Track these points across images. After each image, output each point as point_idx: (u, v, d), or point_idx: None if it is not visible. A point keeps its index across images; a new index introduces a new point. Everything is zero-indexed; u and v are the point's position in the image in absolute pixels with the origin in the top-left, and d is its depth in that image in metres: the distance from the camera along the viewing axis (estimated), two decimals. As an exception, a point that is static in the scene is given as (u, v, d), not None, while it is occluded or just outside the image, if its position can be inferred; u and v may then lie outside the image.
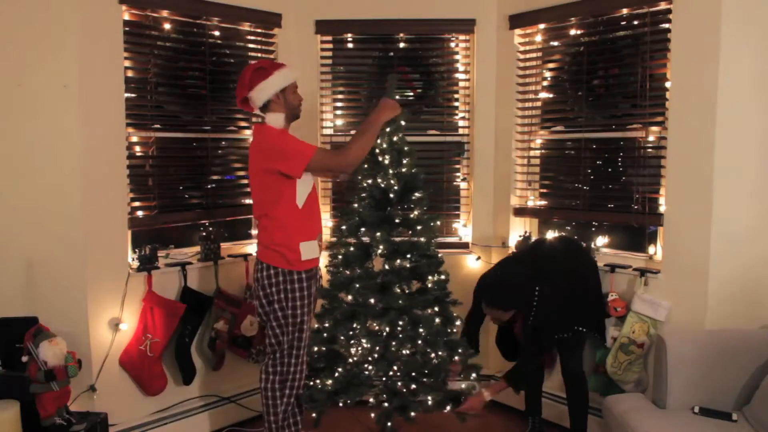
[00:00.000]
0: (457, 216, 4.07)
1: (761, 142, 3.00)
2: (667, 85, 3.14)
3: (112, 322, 3.17)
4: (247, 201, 3.81)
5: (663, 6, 3.13)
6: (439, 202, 3.98)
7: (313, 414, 3.05)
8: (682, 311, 3.08)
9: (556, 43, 3.71)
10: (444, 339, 3.06)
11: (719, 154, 2.93)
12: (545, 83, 3.77)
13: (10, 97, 2.98)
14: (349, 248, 3.12)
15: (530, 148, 3.84)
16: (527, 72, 3.82)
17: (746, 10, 2.92)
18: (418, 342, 3.02)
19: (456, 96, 4.05)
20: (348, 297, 3.08)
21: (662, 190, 3.21)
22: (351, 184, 3.13)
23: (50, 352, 2.70)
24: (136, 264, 3.27)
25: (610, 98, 3.51)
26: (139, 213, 3.34)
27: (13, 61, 2.97)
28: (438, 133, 4.04)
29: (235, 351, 3.58)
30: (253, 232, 3.92)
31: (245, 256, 3.66)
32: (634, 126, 3.34)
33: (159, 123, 3.42)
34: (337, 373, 3.07)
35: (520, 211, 3.86)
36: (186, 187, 3.61)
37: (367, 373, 3.06)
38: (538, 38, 3.74)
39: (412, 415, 2.99)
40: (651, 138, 3.27)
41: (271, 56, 3.84)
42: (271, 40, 3.84)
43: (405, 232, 3.06)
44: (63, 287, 3.04)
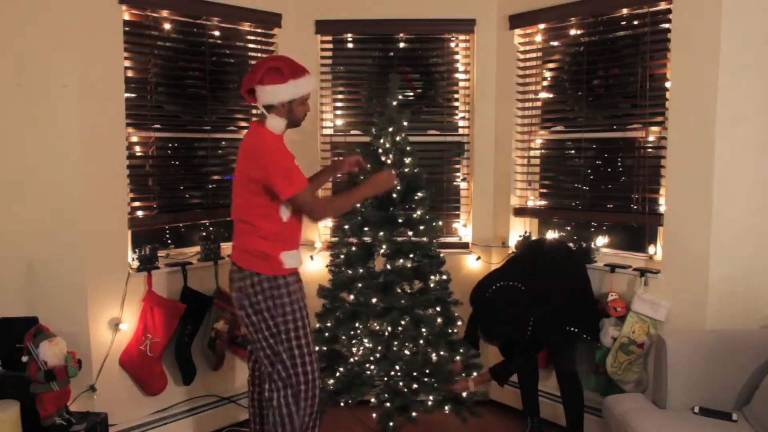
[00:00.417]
0: (457, 216, 4.07)
1: (761, 142, 3.00)
2: (667, 85, 3.14)
3: (112, 322, 3.16)
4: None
5: (663, 6, 3.14)
6: (440, 202, 3.98)
7: (318, 415, 3.04)
8: (682, 311, 3.08)
9: (556, 43, 3.71)
10: (445, 339, 3.07)
11: (719, 154, 2.93)
12: (545, 83, 3.77)
13: (10, 97, 2.97)
14: (350, 248, 3.13)
15: (530, 148, 3.84)
16: (527, 72, 3.83)
17: (746, 9, 2.92)
18: (420, 342, 3.02)
19: (456, 96, 4.05)
20: (350, 297, 3.08)
21: (662, 190, 3.21)
22: (351, 184, 3.12)
23: (50, 352, 2.70)
24: (136, 264, 3.27)
25: (610, 98, 3.52)
26: (139, 213, 3.34)
27: (13, 61, 2.96)
28: (438, 133, 4.04)
29: (235, 351, 3.58)
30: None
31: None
32: (634, 126, 3.34)
33: (159, 123, 3.41)
34: (338, 373, 3.08)
35: (520, 211, 3.87)
36: (186, 187, 3.61)
37: (368, 373, 3.07)
38: (538, 38, 3.74)
39: (414, 415, 2.99)
40: (651, 138, 3.27)
41: (271, 56, 3.84)
42: (271, 40, 3.84)
43: (405, 232, 3.06)
44: (63, 287, 3.04)
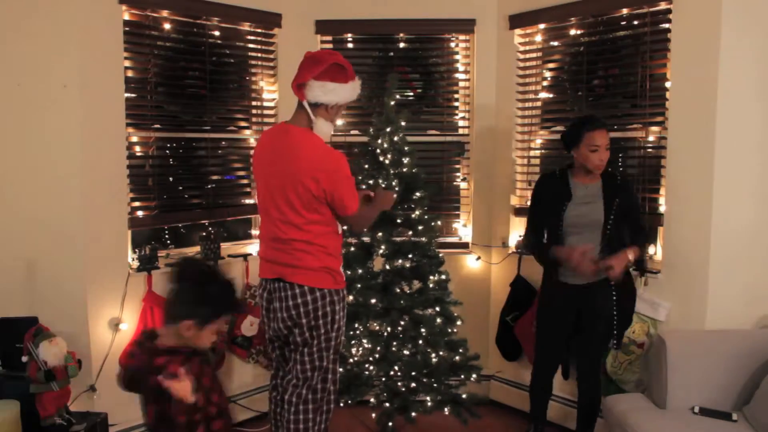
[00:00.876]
0: (457, 216, 4.07)
1: (761, 142, 3.00)
2: (667, 85, 3.14)
3: (112, 322, 3.17)
4: (247, 201, 3.80)
5: (663, 6, 3.13)
6: (439, 202, 3.98)
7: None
8: (682, 311, 3.07)
9: (556, 43, 3.71)
10: (444, 339, 3.07)
11: (719, 154, 2.93)
12: (545, 83, 3.77)
13: (10, 97, 2.98)
14: (349, 248, 3.13)
15: (530, 148, 3.84)
16: (527, 72, 3.82)
17: (746, 10, 2.92)
18: (419, 342, 3.02)
19: (456, 96, 4.05)
20: (349, 297, 3.08)
21: (662, 190, 3.21)
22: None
23: (50, 352, 2.70)
24: (136, 264, 3.27)
25: (610, 98, 3.52)
26: (139, 213, 3.34)
27: (13, 61, 2.97)
28: (438, 133, 4.04)
29: (235, 351, 3.58)
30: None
31: (245, 256, 3.65)
32: (634, 126, 3.34)
33: (159, 123, 3.41)
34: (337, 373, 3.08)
35: (520, 211, 3.86)
36: (186, 187, 3.61)
37: (368, 374, 3.07)
38: (538, 38, 3.74)
39: (413, 416, 2.99)
40: (651, 138, 3.27)
41: (271, 56, 3.84)
42: (271, 40, 3.84)
43: (404, 232, 3.06)
44: (63, 287, 3.04)
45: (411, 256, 3.02)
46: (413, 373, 3.04)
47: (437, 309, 3.05)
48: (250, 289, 3.58)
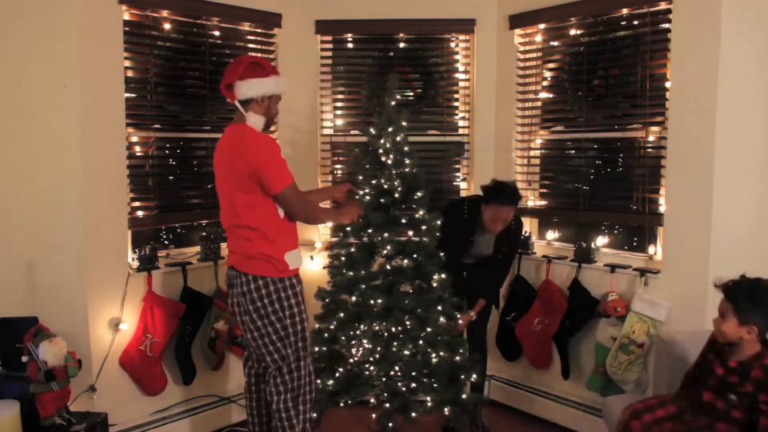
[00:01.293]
0: (457, 216, 4.06)
1: (761, 142, 3.00)
2: (667, 85, 3.14)
3: (112, 322, 3.16)
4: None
5: (663, 6, 3.14)
6: (439, 202, 3.97)
7: (314, 414, 3.04)
8: (682, 311, 3.08)
9: (556, 43, 3.71)
10: (446, 339, 3.06)
11: (719, 154, 2.93)
12: (545, 83, 3.77)
13: (10, 97, 2.97)
14: (350, 248, 3.12)
15: (530, 148, 3.84)
16: (527, 72, 3.83)
17: (746, 10, 2.92)
18: (420, 342, 3.02)
19: (456, 96, 4.05)
20: (352, 298, 3.08)
21: (662, 190, 3.21)
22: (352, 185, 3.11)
23: (50, 352, 2.69)
24: (136, 264, 3.27)
25: (610, 98, 3.52)
26: (139, 213, 3.34)
27: (12, 61, 2.96)
28: (438, 133, 4.04)
29: (235, 351, 3.58)
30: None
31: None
32: (634, 126, 3.34)
33: (159, 123, 3.41)
34: (338, 374, 3.07)
35: (520, 211, 3.86)
36: (186, 187, 3.61)
37: (367, 374, 3.07)
38: (538, 38, 3.74)
39: (413, 416, 2.98)
40: (651, 138, 3.27)
41: (271, 56, 3.84)
42: (271, 40, 3.84)
43: (406, 232, 3.06)
44: (63, 287, 3.04)
45: (415, 256, 3.02)
46: (413, 374, 3.04)
47: (440, 308, 3.05)
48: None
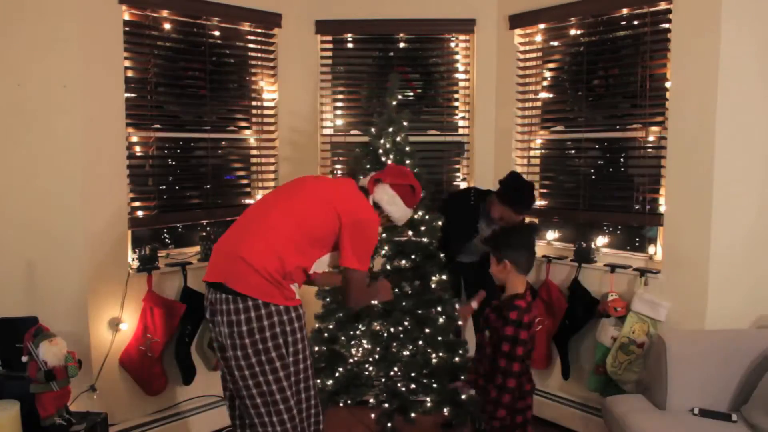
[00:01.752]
0: (457, 216, 4.06)
1: (761, 142, 3.00)
2: (667, 85, 3.14)
3: (112, 322, 3.17)
4: (246, 201, 3.80)
5: (663, 6, 3.13)
6: (439, 202, 3.97)
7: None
8: (682, 311, 3.08)
9: (556, 43, 3.71)
10: (445, 339, 3.06)
11: (719, 154, 2.93)
12: (545, 83, 3.77)
13: (10, 97, 2.97)
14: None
15: (530, 148, 3.84)
16: (527, 72, 3.82)
17: (746, 10, 2.92)
18: (419, 343, 3.02)
19: (456, 96, 4.05)
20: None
21: (662, 190, 3.21)
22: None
23: (50, 352, 2.69)
24: (136, 264, 3.27)
25: (610, 98, 3.52)
26: (139, 213, 3.34)
27: (12, 61, 2.96)
28: (438, 133, 4.04)
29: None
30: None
31: (245, 256, 3.65)
32: (634, 126, 3.34)
33: (159, 123, 3.42)
34: (337, 374, 3.07)
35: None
36: (186, 187, 3.61)
37: (367, 374, 3.07)
38: (538, 38, 3.74)
39: (413, 416, 2.98)
40: (651, 138, 3.27)
41: (271, 56, 3.84)
42: (271, 40, 3.84)
43: (405, 232, 3.06)
44: (63, 287, 3.04)
45: (413, 256, 3.02)
46: (413, 374, 3.04)
47: (439, 309, 3.05)
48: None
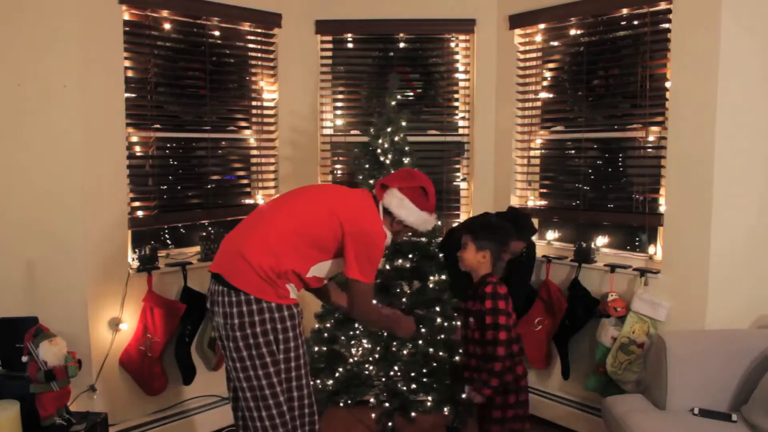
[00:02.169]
0: (458, 216, 4.07)
1: (761, 142, 2.99)
2: (667, 85, 3.14)
3: (112, 322, 3.17)
4: (246, 201, 3.81)
5: (663, 6, 3.13)
6: (439, 202, 3.97)
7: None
8: (682, 311, 3.07)
9: (556, 43, 3.71)
10: (444, 339, 3.06)
11: (719, 154, 2.93)
12: (545, 83, 3.77)
13: (10, 97, 2.97)
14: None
15: (530, 148, 3.84)
16: (527, 72, 3.82)
17: (746, 9, 2.92)
18: (419, 342, 3.02)
19: (456, 96, 4.05)
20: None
21: (662, 190, 3.21)
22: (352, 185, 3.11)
23: (50, 352, 2.69)
24: (136, 264, 3.27)
25: (610, 98, 3.52)
26: (139, 213, 3.34)
27: (12, 61, 2.96)
28: (438, 133, 4.04)
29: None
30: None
31: (245, 256, 3.65)
32: (634, 126, 3.34)
33: (159, 123, 3.42)
34: (337, 373, 3.08)
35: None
36: (186, 187, 3.61)
37: (367, 373, 3.07)
38: (538, 38, 3.74)
39: (413, 416, 2.99)
40: (651, 138, 3.27)
41: (271, 56, 3.84)
42: (271, 40, 3.84)
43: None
44: (63, 287, 3.04)
45: (411, 256, 3.02)
46: (413, 374, 3.04)
47: (437, 309, 3.05)
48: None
